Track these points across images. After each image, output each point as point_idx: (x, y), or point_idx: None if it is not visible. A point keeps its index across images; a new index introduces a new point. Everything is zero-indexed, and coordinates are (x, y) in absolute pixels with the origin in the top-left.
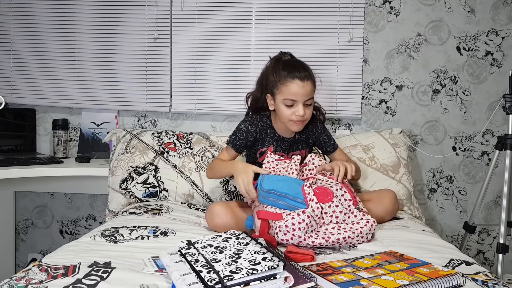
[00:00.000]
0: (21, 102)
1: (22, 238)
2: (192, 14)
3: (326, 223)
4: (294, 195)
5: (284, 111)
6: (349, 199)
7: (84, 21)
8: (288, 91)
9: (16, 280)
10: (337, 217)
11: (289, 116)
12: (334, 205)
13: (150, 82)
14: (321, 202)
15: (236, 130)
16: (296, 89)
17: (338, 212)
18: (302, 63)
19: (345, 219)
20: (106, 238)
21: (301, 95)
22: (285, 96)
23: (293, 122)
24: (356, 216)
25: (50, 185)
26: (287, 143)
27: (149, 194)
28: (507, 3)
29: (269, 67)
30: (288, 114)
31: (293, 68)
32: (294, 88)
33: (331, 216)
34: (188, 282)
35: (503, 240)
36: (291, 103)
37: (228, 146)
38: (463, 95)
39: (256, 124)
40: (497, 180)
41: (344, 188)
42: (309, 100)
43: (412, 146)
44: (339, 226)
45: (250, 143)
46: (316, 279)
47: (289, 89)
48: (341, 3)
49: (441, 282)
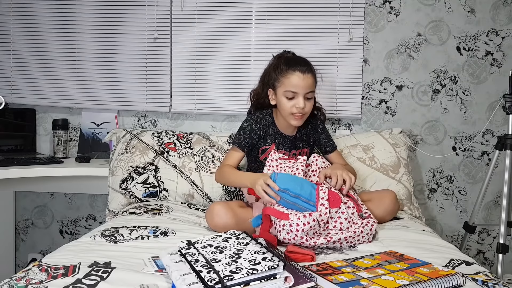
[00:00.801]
0: (21, 102)
1: (22, 238)
2: (192, 14)
3: (330, 227)
4: (307, 197)
5: (285, 103)
6: (352, 206)
7: (84, 21)
8: (289, 83)
9: (16, 280)
10: (341, 223)
11: (290, 109)
12: (340, 211)
13: (150, 82)
14: (331, 207)
15: (240, 129)
16: (297, 81)
17: (343, 218)
18: (303, 59)
19: (348, 227)
20: (106, 238)
21: (302, 87)
22: (286, 88)
23: (293, 115)
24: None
25: (50, 185)
26: (289, 141)
27: (149, 194)
28: (507, 3)
29: (271, 64)
30: (289, 107)
31: (295, 62)
32: (295, 79)
33: (335, 221)
34: (188, 282)
35: (503, 240)
36: (292, 95)
37: (234, 147)
38: (463, 95)
39: (259, 122)
40: (497, 180)
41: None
42: (310, 94)
43: (412, 146)
44: (342, 232)
45: (255, 141)
46: (316, 279)
47: (290, 81)
48: (341, 3)
49: (441, 282)
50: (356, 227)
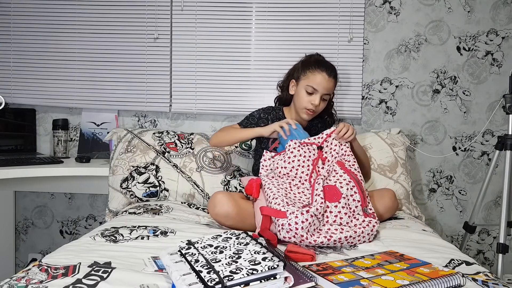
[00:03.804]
0: (21, 102)
1: (22, 238)
2: (192, 14)
3: (330, 222)
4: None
5: (303, 97)
6: (357, 199)
7: (84, 21)
8: (314, 79)
9: (16, 280)
10: (341, 218)
11: (305, 103)
12: (340, 206)
13: (150, 82)
14: (328, 201)
15: (249, 116)
16: (321, 80)
17: (343, 213)
18: (332, 65)
19: (348, 222)
20: (106, 238)
21: (323, 87)
22: (309, 83)
23: (306, 110)
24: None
25: (50, 185)
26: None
27: (149, 193)
28: (507, 3)
29: (301, 60)
30: (305, 101)
31: (324, 64)
32: (319, 78)
33: (335, 216)
34: (188, 282)
35: (503, 240)
36: (312, 90)
37: (237, 125)
38: (463, 95)
39: (269, 113)
40: (497, 180)
41: (355, 188)
42: (327, 96)
43: (410, 146)
44: (342, 228)
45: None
46: (316, 279)
47: (315, 77)
48: (341, 3)
49: (441, 282)
50: (357, 223)
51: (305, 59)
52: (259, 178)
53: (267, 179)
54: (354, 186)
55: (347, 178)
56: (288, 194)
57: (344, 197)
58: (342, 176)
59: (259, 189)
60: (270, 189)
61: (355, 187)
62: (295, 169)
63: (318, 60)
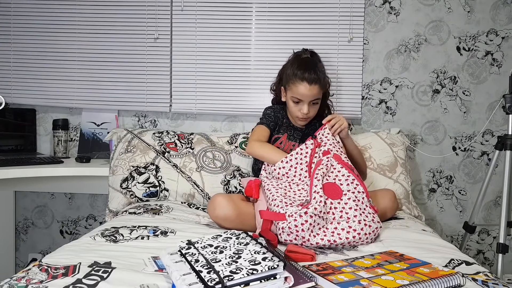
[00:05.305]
0: (21, 102)
1: (22, 238)
2: (192, 14)
3: (337, 219)
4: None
5: (292, 106)
6: (362, 191)
7: (84, 21)
8: (297, 91)
9: (16, 280)
10: (347, 213)
11: (295, 112)
12: (343, 202)
13: (150, 82)
14: (331, 198)
15: (265, 115)
16: (303, 91)
17: (348, 208)
18: (315, 65)
19: (357, 215)
20: (106, 238)
21: (307, 96)
22: (293, 94)
23: (298, 118)
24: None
25: (50, 185)
26: (299, 133)
27: (149, 193)
28: (507, 3)
29: (289, 61)
30: (295, 110)
31: (305, 70)
32: (302, 89)
33: (341, 211)
34: (188, 282)
35: (503, 240)
36: (298, 100)
37: (260, 125)
38: (463, 95)
39: (278, 111)
40: (497, 180)
41: (356, 180)
42: (315, 100)
43: (410, 146)
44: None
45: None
46: (316, 279)
47: (297, 89)
48: (341, 3)
49: (441, 282)
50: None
51: (291, 62)
52: (258, 179)
53: (266, 179)
54: (354, 179)
55: (345, 173)
56: (287, 193)
57: (345, 193)
58: (340, 171)
59: (259, 189)
60: (269, 190)
61: (355, 179)
62: (294, 168)
63: (300, 65)
